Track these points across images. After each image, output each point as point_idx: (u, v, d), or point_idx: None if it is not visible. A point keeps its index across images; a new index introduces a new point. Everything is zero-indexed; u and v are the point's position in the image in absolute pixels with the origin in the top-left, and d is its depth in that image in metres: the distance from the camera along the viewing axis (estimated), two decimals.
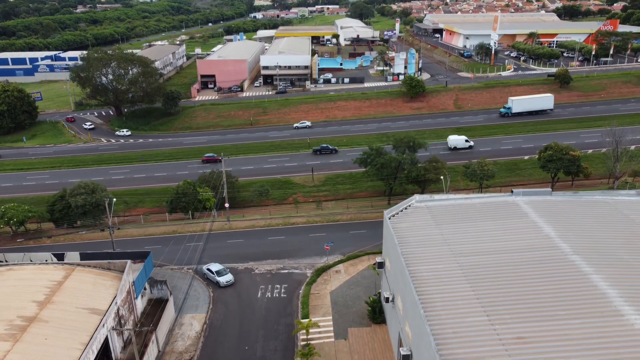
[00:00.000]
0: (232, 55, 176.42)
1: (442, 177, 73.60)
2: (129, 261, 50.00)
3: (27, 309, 42.23)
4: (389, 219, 47.23)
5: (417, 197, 51.16)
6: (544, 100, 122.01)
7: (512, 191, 51.70)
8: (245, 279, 59.52)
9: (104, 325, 42.06)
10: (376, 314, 49.25)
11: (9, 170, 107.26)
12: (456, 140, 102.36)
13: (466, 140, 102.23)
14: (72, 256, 53.11)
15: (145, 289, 53.45)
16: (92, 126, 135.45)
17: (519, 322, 32.37)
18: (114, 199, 69.89)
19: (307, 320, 47.88)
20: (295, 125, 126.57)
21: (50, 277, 47.25)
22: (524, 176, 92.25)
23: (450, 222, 46.02)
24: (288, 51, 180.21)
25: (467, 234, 43.79)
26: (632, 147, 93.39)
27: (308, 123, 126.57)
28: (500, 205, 49.06)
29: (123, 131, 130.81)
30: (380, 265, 48.72)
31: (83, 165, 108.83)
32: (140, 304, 51.67)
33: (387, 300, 44.01)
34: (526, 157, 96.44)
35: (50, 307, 42.88)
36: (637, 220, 45.13)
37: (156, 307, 52.55)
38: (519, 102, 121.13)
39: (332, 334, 48.27)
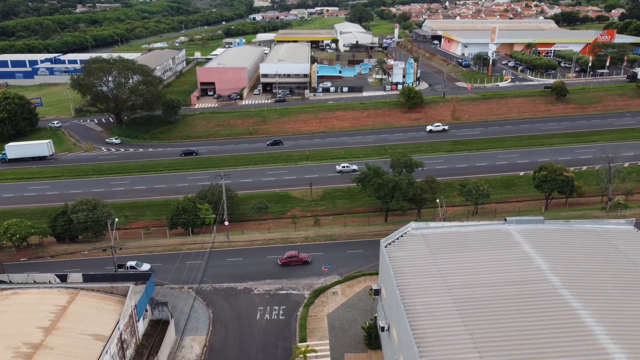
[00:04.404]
0: (232, 62, 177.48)
1: (437, 200, 74.98)
2: (131, 285, 51.17)
3: (32, 335, 43.40)
4: (385, 247, 48.49)
5: (413, 224, 52.37)
6: (40, 147, 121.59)
7: (505, 219, 53.02)
8: (245, 299, 60.78)
9: (107, 351, 43.29)
10: (372, 339, 50.49)
11: (10, 180, 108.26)
12: None
13: None
14: (75, 277, 54.40)
15: (146, 310, 54.64)
16: (119, 140, 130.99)
17: None
18: (116, 219, 70.94)
19: (304, 345, 49.14)
20: None
21: (55, 302, 48.43)
22: (519, 193, 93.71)
23: (445, 252, 47.26)
24: (287, 59, 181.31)
25: (461, 264, 45.05)
26: (626, 164, 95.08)
27: None
28: (494, 235, 50.34)
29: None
30: (377, 292, 49.92)
31: (84, 175, 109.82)
32: (141, 326, 52.87)
33: (382, 329, 45.30)
34: (521, 174, 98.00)
35: (56, 333, 44.07)
36: (625, 251, 46.54)
37: (157, 328, 53.77)
38: (14, 149, 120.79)
39: (329, 359, 49.56)
